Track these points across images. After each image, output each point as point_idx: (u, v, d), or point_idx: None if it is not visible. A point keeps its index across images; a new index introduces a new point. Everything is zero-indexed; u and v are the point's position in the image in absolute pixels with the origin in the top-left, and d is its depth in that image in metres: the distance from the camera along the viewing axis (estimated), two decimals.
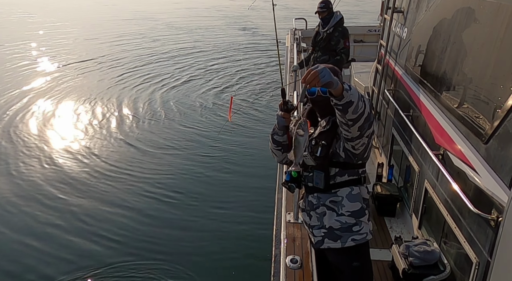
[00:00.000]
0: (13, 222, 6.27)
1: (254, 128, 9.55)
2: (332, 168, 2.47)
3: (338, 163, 2.46)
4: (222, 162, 8.05)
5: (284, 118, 2.54)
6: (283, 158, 2.73)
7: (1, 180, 7.39)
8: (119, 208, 6.60)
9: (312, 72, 2.00)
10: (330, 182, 2.49)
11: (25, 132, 9.45)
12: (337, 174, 2.48)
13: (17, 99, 11.68)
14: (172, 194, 6.97)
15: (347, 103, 2.10)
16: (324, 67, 2.04)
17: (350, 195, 2.49)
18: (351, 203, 2.49)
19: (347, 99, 2.09)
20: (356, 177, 2.51)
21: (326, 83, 2.02)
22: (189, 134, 9.36)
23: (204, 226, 6.16)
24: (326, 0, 6.15)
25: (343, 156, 2.44)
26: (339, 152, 2.44)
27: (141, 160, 8.15)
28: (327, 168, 2.47)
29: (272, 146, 2.71)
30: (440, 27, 3.83)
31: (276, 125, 2.60)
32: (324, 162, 2.45)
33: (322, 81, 2.00)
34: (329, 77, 2.02)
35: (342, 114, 2.17)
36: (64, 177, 7.50)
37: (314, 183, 2.53)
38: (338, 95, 2.09)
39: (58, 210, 6.56)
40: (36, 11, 30.64)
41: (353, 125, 2.21)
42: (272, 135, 2.65)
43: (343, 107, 2.12)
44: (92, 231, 6.06)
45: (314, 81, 2.01)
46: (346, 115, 2.16)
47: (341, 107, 2.12)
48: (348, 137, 2.32)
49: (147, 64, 15.50)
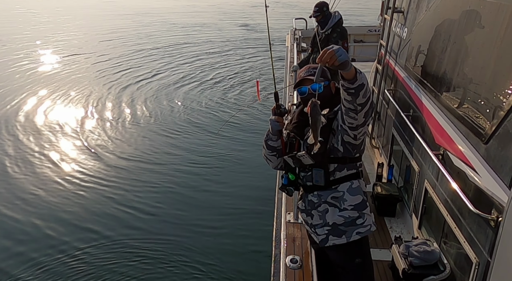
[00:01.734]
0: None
1: (254, 127, 9.56)
2: (331, 164, 2.47)
3: (337, 159, 2.46)
4: (221, 162, 8.06)
5: (278, 122, 2.54)
6: (278, 164, 2.71)
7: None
8: (118, 206, 6.61)
9: (329, 52, 1.93)
10: (330, 178, 2.48)
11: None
12: (336, 170, 2.47)
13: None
14: (171, 194, 6.98)
15: (359, 86, 2.08)
16: (340, 47, 1.99)
17: (351, 188, 2.49)
18: (352, 196, 2.49)
19: (360, 81, 2.07)
20: (355, 171, 2.51)
21: (342, 62, 1.96)
22: (188, 133, 9.37)
23: (203, 226, 6.16)
24: (319, 4, 6.15)
25: (341, 151, 2.43)
26: (337, 147, 2.43)
27: (139, 159, 8.17)
28: (326, 164, 2.47)
29: (266, 152, 2.68)
30: (440, 27, 3.83)
31: (269, 130, 2.59)
32: (323, 159, 2.44)
33: (340, 60, 1.94)
34: (345, 56, 1.96)
35: (353, 98, 2.13)
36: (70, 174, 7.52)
37: (314, 182, 2.52)
38: (350, 78, 2.06)
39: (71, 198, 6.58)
40: (36, 7, 30.70)
41: (361, 111, 2.20)
42: (266, 141, 2.64)
43: (355, 90, 2.09)
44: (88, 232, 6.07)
45: (331, 60, 1.94)
46: (357, 100, 2.13)
47: (353, 91, 2.09)
48: (353, 125, 2.30)
49: (147, 61, 15.59)
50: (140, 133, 9.42)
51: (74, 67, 15.04)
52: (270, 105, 9.31)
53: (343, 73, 2.05)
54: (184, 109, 10.87)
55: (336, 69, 2.01)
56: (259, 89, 4.03)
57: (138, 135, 9.32)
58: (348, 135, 2.38)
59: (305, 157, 2.45)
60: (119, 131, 9.55)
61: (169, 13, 29.06)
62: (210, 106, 11.06)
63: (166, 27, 23.22)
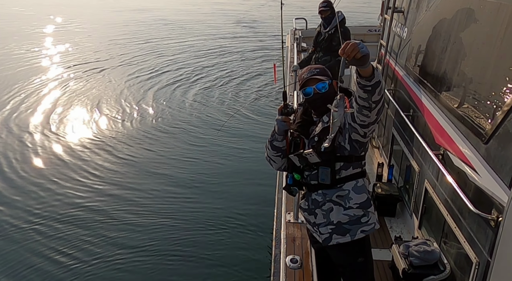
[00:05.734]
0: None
1: (254, 127, 9.56)
2: (337, 162, 2.46)
3: (343, 157, 2.45)
4: (221, 162, 8.05)
5: (285, 121, 2.52)
6: (282, 164, 2.69)
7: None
8: (116, 204, 6.63)
9: (351, 44, 1.93)
10: (336, 177, 2.48)
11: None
12: (342, 168, 2.47)
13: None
14: (171, 194, 6.98)
15: (376, 83, 2.08)
16: (360, 41, 2.00)
17: (356, 187, 2.49)
18: (358, 195, 2.49)
19: (376, 78, 2.07)
20: (360, 170, 2.52)
21: (364, 56, 1.95)
22: (187, 133, 9.37)
23: (203, 225, 6.16)
24: (328, 0, 6.16)
25: (348, 149, 2.43)
26: (344, 145, 2.43)
27: (139, 157, 8.18)
28: (333, 163, 2.46)
29: (271, 153, 2.66)
30: (440, 27, 3.83)
31: (275, 131, 2.57)
32: (330, 158, 2.43)
33: (362, 52, 1.94)
34: (366, 50, 1.96)
35: (369, 96, 2.13)
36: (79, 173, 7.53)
37: (319, 180, 2.50)
38: (368, 75, 2.05)
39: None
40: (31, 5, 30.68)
41: (375, 108, 2.20)
42: (271, 142, 2.61)
43: (372, 87, 2.08)
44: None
45: (354, 52, 1.93)
46: (372, 97, 2.13)
47: (370, 88, 2.09)
48: (365, 123, 2.30)
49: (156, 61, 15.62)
50: (142, 133, 9.43)
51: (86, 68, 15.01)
52: (270, 105, 9.25)
53: (360, 70, 2.05)
54: (184, 108, 10.87)
55: (355, 64, 2.00)
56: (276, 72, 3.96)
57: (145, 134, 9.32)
58: (358, 133, 2.37)
59: (312, 155, 2.43)
60: (119, 131, 9.55)
61: (158, 10, 29.07)
62: (211, 106, 11.05)
63: (155, 26, 23.10)
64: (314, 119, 2.57)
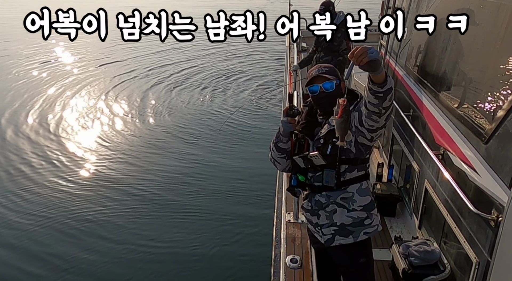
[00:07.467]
0: None
1: (254, 128, 9.56)
2: (342, 165, 2.45)
3: (348, 160, 2.44)
4: (221, 161, 8.05)
5: (290, 123, 2.51)
6: (286, 166, 2.67)
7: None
8: (115, 204, 6.63)
9: (361, 47, 1.93)
10: (341, 179, 2.47)
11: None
12: (347, 171, 2.46)
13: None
14: (171, 194, 6.98)
15: (388, 90, 2.06)
16: (372, 46, 1.98)
17: (360, 189, 2.49)
18: (362, 197, 2.48)
19: (389, 85, 2.06)
20: (364, 172, 2.51)
21: (373, 60, 1.94)
22: (187, 133, 9.37)
23: (203, 225, 6.16)
24: (326, 3, 6.13)
25: (354, 152, 2.42)
26: (350, 148, 2.41)
27: (141, 158, 8.18)
28: (338, 165, 2.45)
29: (275, 155, 2.63)
30: (440, 27, 3.82)
31: (280, 132, 2.55)
32: (335, 160, 2.42)
33: (370, 57, 1.92)
34: (376, 54, 1.95)
35: (380, 102, 2.11)
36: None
37: (324, 182, 2.49)
38: (381, 82, 2.04)
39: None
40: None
41: (384, 114, 2.18)
42: (276, 143, 2.59)
43: (384, 94, 2.07)
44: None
45: (362, 56, 1.92)
46: (383, 103, 2.11)
47: (382, 94, 2.07)
48: (373, 128, 2.28)
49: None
50: (142, 132, 9.43)
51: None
52: (270, 105, 9.22)
53: (372, 76, 2.04)
54: (184, 108, 10.88)
55: (367, 69, 1.99)
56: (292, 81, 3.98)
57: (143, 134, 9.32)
58: (365, 136, 2.36)
59: (317, 157, 2.42)
60: (119, 131, 9.55)
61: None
62: (211, 106, 11.07)
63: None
64: (319, 120, 2.56)
